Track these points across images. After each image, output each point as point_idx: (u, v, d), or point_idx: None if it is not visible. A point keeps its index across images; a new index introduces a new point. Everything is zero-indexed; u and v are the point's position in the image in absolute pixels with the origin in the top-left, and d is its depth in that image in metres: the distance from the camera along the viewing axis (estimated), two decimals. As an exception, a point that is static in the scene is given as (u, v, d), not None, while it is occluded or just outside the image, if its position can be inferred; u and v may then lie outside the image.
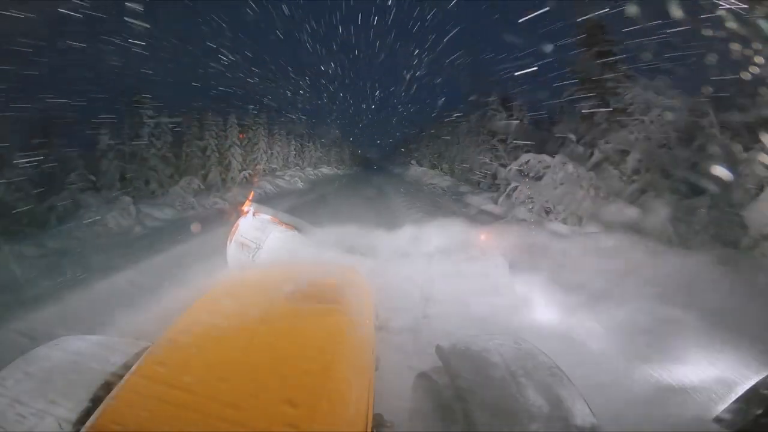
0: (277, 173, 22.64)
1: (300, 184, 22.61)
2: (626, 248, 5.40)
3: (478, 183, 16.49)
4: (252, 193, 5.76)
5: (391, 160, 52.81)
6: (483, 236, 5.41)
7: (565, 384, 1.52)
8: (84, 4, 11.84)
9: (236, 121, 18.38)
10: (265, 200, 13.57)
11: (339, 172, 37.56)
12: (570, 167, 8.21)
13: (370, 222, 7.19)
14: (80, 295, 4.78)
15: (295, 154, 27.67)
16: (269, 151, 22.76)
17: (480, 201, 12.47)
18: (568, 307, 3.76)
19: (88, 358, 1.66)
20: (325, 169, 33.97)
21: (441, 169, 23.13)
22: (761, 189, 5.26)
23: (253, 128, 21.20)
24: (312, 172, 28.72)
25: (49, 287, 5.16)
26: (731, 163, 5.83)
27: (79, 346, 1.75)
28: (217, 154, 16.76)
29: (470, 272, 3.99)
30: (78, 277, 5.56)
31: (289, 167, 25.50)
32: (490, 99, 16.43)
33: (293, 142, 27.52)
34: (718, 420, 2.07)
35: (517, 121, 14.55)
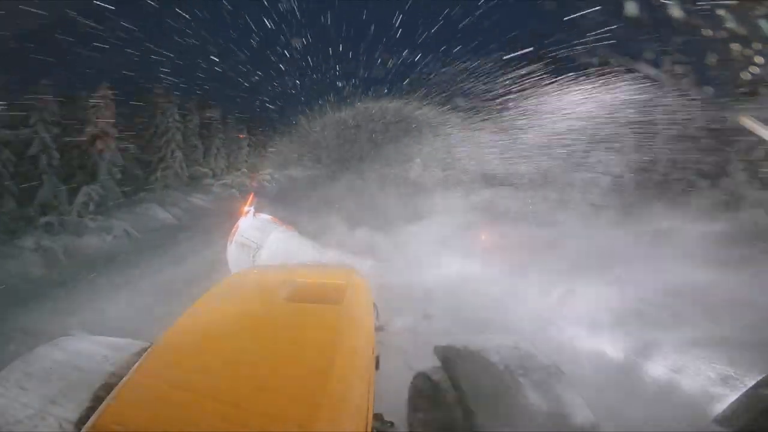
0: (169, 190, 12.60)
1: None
2: None
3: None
4: (252, 196, 5.42)
5: (383, 154, 46.42)
6: None
7: (564, 383, 1.52)
8: None
9: (112, 93, 10.26)
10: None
11: (309, 173, 23.48)
12: None
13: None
14: None
15: (231, 155, 18.06)
16: (172, 149, 13.32)
17: None
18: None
19: (88, 358, 1.66)
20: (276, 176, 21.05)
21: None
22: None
23: (148, 108, 12.84)
24: (223, 192, 14.79)
25: None
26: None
27: (80, 346, 1.75)
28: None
29: None
30: None
31: (222, 173, 16.26)
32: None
33: (247, 136, 19.23)
34: (718, 420, 2.07)
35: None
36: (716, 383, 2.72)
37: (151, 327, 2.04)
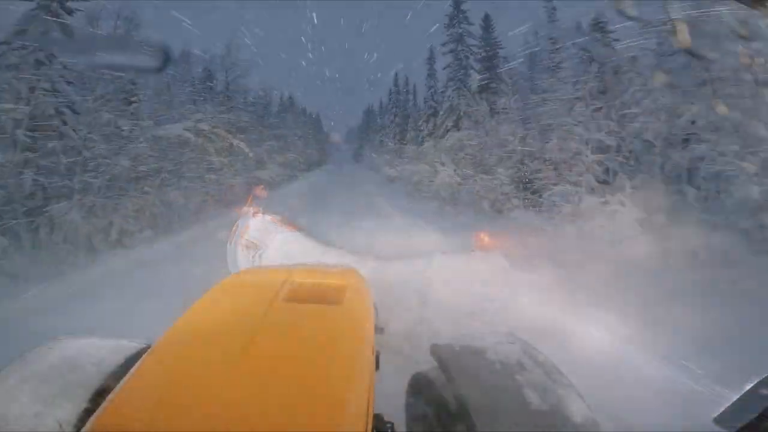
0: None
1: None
2: None
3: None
4: (251, 196, 5.33)
5: (361, 158, 41.40)
6: None
7: (563, 382, 1.52)
8: None
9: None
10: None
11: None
12: None
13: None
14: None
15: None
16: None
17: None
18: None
19: (87, 359, 1.66)
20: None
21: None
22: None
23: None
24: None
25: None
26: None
27: (78, 347, 1.75)
28: None
29: None
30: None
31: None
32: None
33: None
34: (718, 420, 2.07)
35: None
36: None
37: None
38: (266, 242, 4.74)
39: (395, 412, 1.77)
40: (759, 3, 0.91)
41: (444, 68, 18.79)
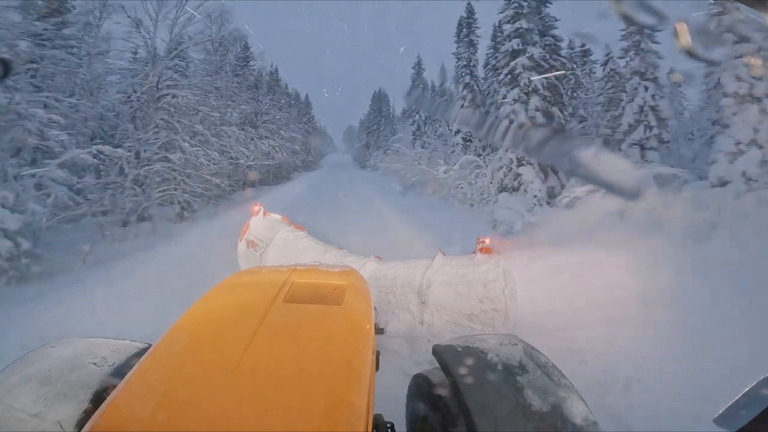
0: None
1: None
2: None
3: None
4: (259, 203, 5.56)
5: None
6: None
7: (563, 383, 1.52)
8: None
9: None
10: None
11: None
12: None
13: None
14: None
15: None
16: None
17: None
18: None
19: (87, 359, 1.66)
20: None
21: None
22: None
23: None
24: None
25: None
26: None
27: (79, 347, 1.75)
28: None
29: None
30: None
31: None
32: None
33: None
34: (718, 420, 2.07)
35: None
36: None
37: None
38: (272, 240, 4.77)
39: (395, 413, 1.77)
40: (759, 3, 0.91)
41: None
